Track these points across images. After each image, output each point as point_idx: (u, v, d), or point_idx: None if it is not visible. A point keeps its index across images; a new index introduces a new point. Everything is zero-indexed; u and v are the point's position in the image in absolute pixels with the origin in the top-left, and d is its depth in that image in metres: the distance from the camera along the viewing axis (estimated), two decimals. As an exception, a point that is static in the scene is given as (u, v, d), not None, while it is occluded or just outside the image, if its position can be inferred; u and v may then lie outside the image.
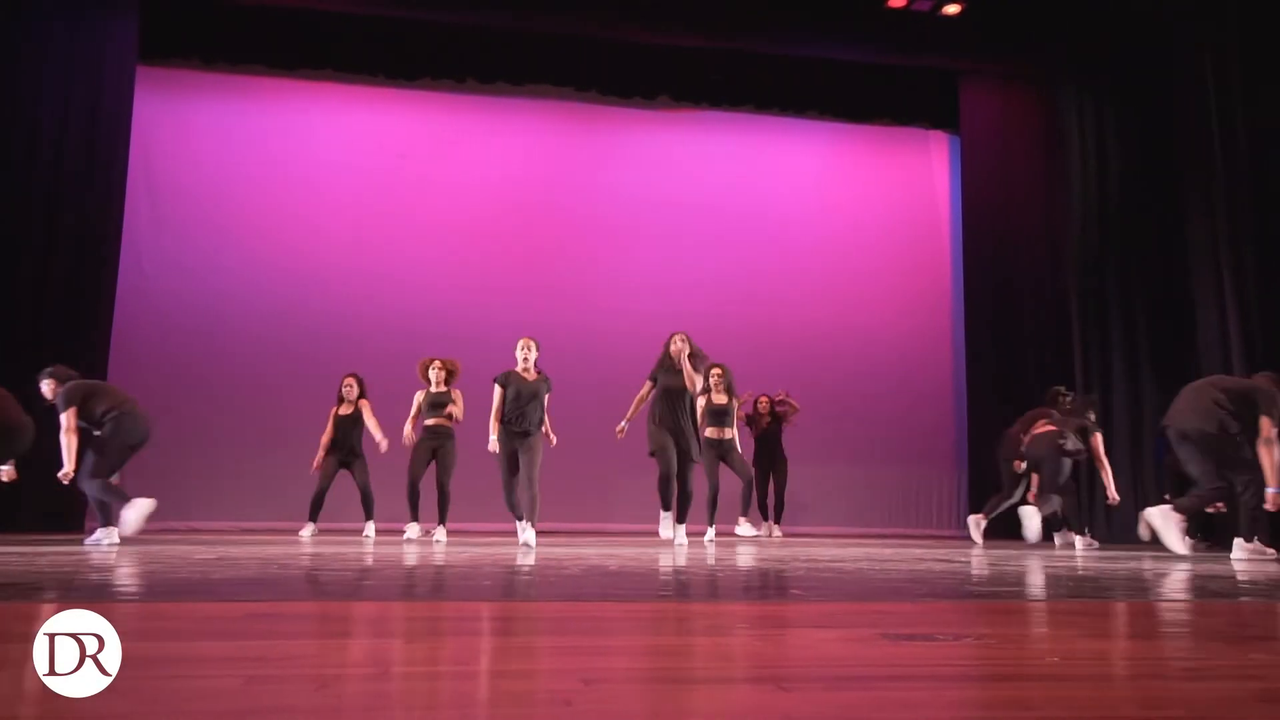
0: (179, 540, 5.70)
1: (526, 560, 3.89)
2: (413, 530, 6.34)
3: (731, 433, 6.66)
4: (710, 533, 6.32)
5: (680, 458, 5.54)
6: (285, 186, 8.45)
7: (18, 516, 6.84)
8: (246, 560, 3.61)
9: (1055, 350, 8.78)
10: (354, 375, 6.80)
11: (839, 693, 1.22)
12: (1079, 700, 1.16)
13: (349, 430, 6.72)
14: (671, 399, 5.59)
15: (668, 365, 5.67)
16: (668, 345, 5.68)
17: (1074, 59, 8.86)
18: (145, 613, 1.98)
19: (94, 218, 7.55)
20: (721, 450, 6.55)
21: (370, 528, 6.58)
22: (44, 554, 3.91)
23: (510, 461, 5.45)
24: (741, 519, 7.07)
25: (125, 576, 2.80)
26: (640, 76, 8.85)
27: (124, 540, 5.04)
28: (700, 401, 6.26)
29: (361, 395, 6.74)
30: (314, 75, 8.47)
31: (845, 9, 8.33)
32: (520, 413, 5.42)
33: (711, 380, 6.47)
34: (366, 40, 8.33)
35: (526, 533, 5.24)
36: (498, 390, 5.48)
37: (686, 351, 5.59)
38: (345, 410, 6.73)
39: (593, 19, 8.33)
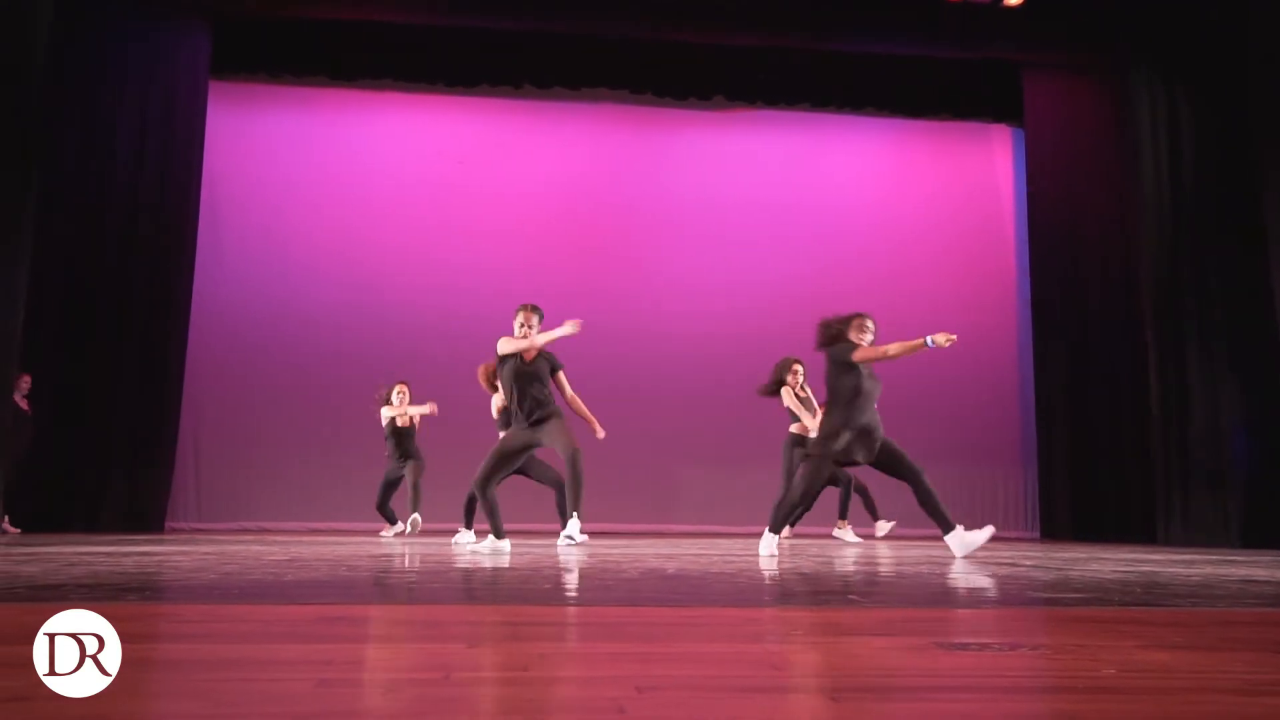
0: (252, 540, 5.90)
1: (579, 560, 3.93)
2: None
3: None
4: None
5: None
6: (347, 193, 8.68)
7: (101, 516, 7.16)
8: (317, 562, 3.72)
9: (1127, 345, 8.54)
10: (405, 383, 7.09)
11: (889, 703, 1.24)
12: (1132, 714, 1.15)
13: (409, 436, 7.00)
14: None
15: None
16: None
17: (1141, 45, 8.59)
18: (220, 615, 2.08)
19: (169, 230, 7.86)
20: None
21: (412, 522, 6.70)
22: (129, 554, 4.09)
23: (506, 458, 4.85)
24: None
25: (202, 578, 2.92)
26: (695, 77, 8.87)
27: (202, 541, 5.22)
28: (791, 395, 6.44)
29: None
30: (375, 85, 8.69)
31: (902, 2, 8.22)
32: (523, 399, 4.88)
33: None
34: (425, 49, 8.51)
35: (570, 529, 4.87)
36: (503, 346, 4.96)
37: None
38: (403, 422, 6.96)
39: (647, 21, 8.37)
